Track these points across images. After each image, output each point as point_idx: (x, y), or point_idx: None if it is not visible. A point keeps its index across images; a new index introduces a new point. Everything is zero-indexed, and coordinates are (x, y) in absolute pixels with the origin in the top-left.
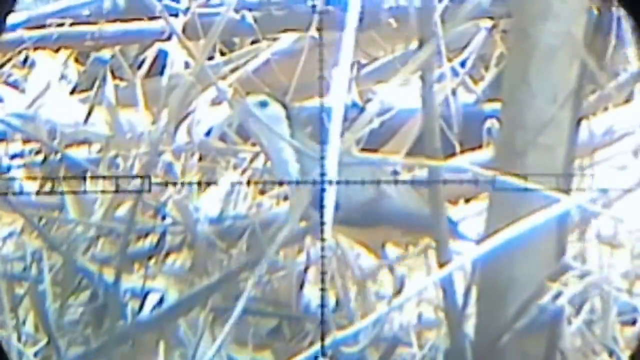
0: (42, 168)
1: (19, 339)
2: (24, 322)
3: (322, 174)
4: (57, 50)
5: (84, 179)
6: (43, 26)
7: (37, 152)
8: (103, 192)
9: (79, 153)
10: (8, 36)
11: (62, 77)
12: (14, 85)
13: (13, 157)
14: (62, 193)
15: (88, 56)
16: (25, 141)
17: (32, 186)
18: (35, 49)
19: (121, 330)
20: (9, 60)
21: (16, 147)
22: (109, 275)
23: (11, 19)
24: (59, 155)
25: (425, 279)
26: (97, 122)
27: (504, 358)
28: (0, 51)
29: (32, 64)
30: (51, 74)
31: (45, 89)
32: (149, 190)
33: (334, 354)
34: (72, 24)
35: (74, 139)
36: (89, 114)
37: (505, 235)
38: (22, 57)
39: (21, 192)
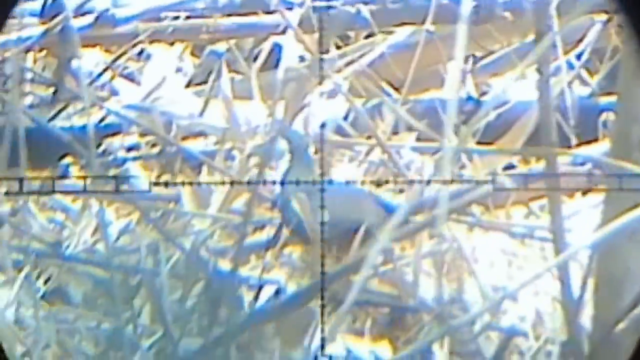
0: (158, 160)
1: (135, 331)
2: (139, 314)
3: (322, 174)
4: (172, 43)
5: (199, 171)
6: (158, 19)
7: (153, 145)
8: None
9: (195, 145)
10: (124, 29)
11: (178, 70)
12: (130, 78)
13: (129, 149)
14: (178, 185)
15: (203, 49)
16: (142, 134)
17: (148, 179)
18: (151, 42)
19: (237, 322)
20: (124, 53)
21: (132, 139)
22: (225, 266)
23: (127, 12)
24: (174, 148)
25: (541, 269)
26: (213, 114)
27: (619, 348)
28: (116, 44)
29: (148, 57)
30: (167, 67)
31: (161, 82)
32: (149, 190)
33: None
34: (187, 17)
35: (190, 131)
36: (205, 106)
37: (621, 227)
38: (137, 49)
39: (137, 185)
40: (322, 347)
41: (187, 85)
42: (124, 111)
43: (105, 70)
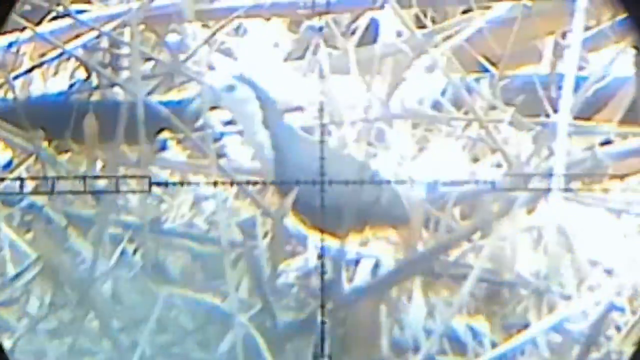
0: None
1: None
2: (237, 288)
3: (322, 174)
4: (269, 19)
5: None
6: None
7: None
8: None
9: (292, 120)
10: (221, 4)
11: (275, 45)
12: (227, 53)
13: (227, 124)
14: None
15: (300, 24)
16: None
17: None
18: (247, 17)
19: (335, 297)
20: (222, 27)
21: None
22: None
23: None
24: None
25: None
26: (310, 89)
27: None
28: (213, 19)
29: (244, 32)
30: (264, 42)
31: (258, 57)
32: (149, 190)
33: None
34: None
35: (287, 106)
36: (302, 81)
37: None
38: (234, 24)
39: (233, 159)
40: (322, 348)
41: (285, 60)
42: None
43: (202, 45)
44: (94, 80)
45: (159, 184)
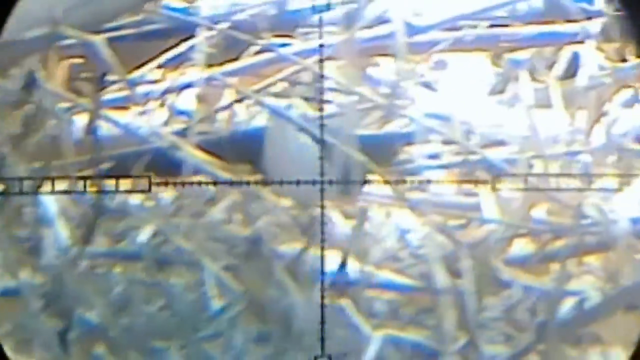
0: (460, 168)
1: (439, 340)
2: (442, 322)
3: (322, 174)
4: (471, 52)
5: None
6: (458, 28)
7: (455, 153)
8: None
9: (495, 154)
10: (422, 37)
11: (478, 78)
12: (428, 86)
13: (431, 157)
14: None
15: (503, 57)
16: (444, 142)
17: (448, 187)
18: (450, 50)
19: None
20: (423, 62)
21: (433, 147)
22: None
23: (426, 21)
24: (476, 156)
25: None
26: (514, 123)
27: None
28: (414, 52)
29: (445, 65)
30: (466, 76)
31: (460, 90)
32: (149, 190)
33: None
34: (488, 26)
35: (491, 139)
36: (505, 115)
37: None
38: (435, 58)
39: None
40: (322, 347)
41: (487, 94)
42: (423, 120)
43: (403, 79)
44: None
45: (158, 184)
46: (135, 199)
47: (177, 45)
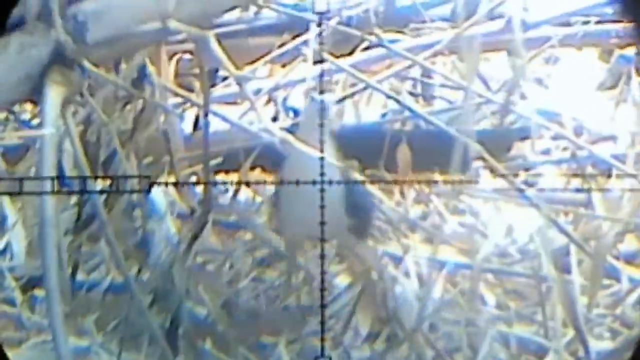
0: (569, 165)
1: (546, 335)
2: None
3: (322, 174)
4: (580, 48)
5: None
6: (568, 24)
7: (564, 149)
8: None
9: (605, 149)
10: (533, 33)
11: (587, 74)
12: (539, 82)
13: (541, 153)
14: (588, 190)
15: (612, 53)
16: (554, 138)
17: (559, 183)
18: (561, 46)
19: None
20: (534, 57)
21: (543, 143)
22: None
23: (537, 17)
24: (585, 152)
25: None
26: (623, 118)
27: None
28: (525, 48)
29: (556, 61)
30: (576, 72)
31: (570, 86)
32: (149, 191)
33: None
34: (597, 22)
35: (600, 135)
36: (615, 110)
37: None
38: (546, 54)
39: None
40: (322, 348)
41: (597, 90)
42: (534, 115)
43: (516, 75)
44: (406, 110)
45: (158, 184)
46: (245, 195)
47: (288, 41)
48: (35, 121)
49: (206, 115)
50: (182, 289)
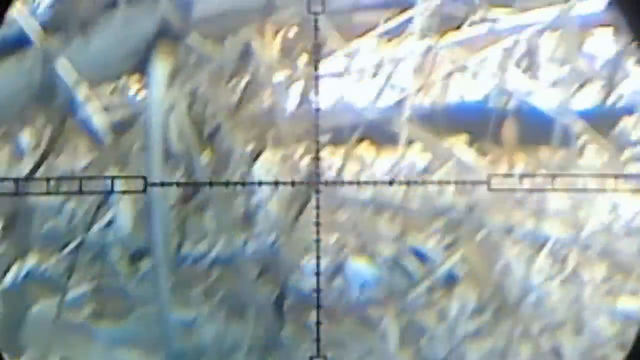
0: None
1: None
2: None
3: (318, 175)
4: None
5: None
6: None
7: None
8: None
9: None
10: None
11: None
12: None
13: None
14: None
15: None
16: None
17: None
18: None
19: None
20: None
21: None
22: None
23: None
24: None
25: None
26: None
27: None
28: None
29: None
30: None
31: None
32: (144, 191)
33: None
34: None
35: None
36: None
37: None
38: None
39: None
40: (318, 348)
41: None
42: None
43: (620, 53)
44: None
45: (154, 184)
46: (348, 175)
47: (394, 16)
48: (141, 95)
49: (311, 90)
50: (289, 263)
